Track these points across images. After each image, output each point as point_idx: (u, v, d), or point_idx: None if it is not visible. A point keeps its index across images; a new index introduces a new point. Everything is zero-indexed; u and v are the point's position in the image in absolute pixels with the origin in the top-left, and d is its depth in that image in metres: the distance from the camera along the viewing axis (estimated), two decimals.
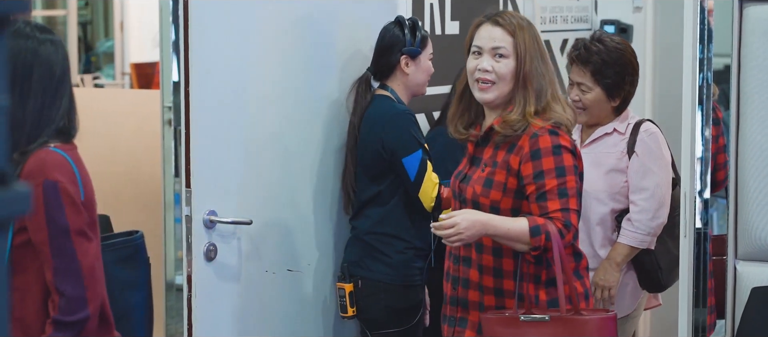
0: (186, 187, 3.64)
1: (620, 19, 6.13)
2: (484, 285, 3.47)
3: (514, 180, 3.41)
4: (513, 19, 3.48)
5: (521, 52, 3.42)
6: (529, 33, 3.45)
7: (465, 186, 3.50)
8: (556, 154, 3.38)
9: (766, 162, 3.92)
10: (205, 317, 3.69)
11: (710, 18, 4.01)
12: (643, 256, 4.13)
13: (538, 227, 3.34)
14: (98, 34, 9.06)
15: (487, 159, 3.47)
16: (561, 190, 3.37)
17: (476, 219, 3.33)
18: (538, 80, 3.42)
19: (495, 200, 3.42)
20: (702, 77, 4.03)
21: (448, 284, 3.58)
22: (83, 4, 8.91)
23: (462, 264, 3.52)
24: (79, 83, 8.19)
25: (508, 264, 3.46)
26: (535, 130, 3.39)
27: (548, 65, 3.48)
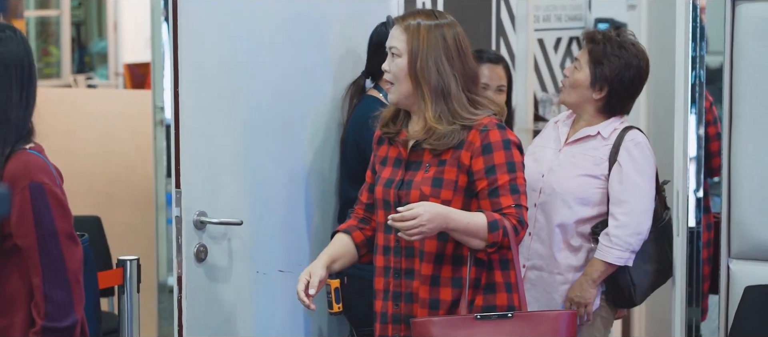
0: (176, 187, 3.62)
1: (614, 17, 6.13)
2: (422, 298, 3.34)
3: (464, 177, 3.31)
4: (418, 17, 3.35)
5: (414, 49, 3.31)
6: (434, 31, 3.31)
7: (407, 191, 3.34)
8: (506, 148, 3.31)
9: (759, 161, 3.91)
10: (196, 318, 3.68)
11: (702, 16, 4.00)
12: (616, 271, 3.88)
13: (496, 222, 3.24)
14: (92, 35, 9.05)
15: (430, 159, 3.34)
16: (513, 186, 3.29)
17: (438, 211, 3.20)
18: (435, 79, 3.29)
19: (446, 199, 3.30)
20: (694, 75, 4.02)
21: (388, 303, 3.41)
22: (77, 5, 8.90)
23: (404, 278, 3.37)
24: (72, 84, 8.18)
25: (446, 271, 3.34)
26: (484, 123, 3.31)
27: (458, 63, 3.32)
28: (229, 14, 3.75)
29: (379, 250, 3.45)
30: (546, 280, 3.95)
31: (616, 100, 3.95)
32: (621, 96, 3.94)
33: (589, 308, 3.88)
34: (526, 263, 3.99)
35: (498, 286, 3.38)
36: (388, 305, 3.41)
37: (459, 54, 3.33)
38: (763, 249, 3.93)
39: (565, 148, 3.98)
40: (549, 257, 3.94)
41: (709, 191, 4.08)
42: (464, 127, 3.31)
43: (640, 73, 3.96)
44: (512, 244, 3.26)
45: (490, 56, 4.49)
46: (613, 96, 3.93)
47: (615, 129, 3.94)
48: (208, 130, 3.70)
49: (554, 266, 3.93)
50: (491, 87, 4.43)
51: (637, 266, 3.89)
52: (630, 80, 3.93)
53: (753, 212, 3.92)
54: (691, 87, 4.01)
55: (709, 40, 3.98)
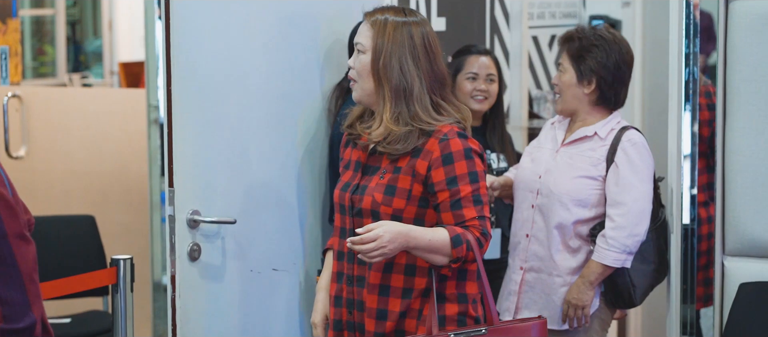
0: (169, 186, 3.61)
1: (609, 14, 6.13)
2: (369, 307, 3.24)
3: (419, 187, 3.18)
4: (387, 13, 3.24)
5: (378, 46, 3.20)
6: (401, 29, 3.20)
7: (359, 197, 3.23)
8: (468, 158, 3.17)
9: (753, 158, 3.91)
10: (190, 317, 3.67)
11: (696, 12, 4.00)
12: (615, 273, 3.86)
13: (458, 236, 3.11)
14: (87, 34, 9.03)
15: (386, 166, 3.22)
16: (475, 197, 3.16)
17: (399, 230, 3.07)
18: (397, 78, 3.17)
19: (398, 208, 3.18)
20: (688, 72, 4.02)
21: (342, 310, 3.33)
22: (72, 4, 8.89)
23: (356, 285, 3.28)
24: (67, 82, 8.17)
25: (397, 281, 3.22)
26: (444, 132, 3.17)
27: (424, 64, 3.20)
28: (222, 13, 3.75)
29: (335, 255, 3.39)
30: (545, 282, 3.93)
31: (608, 90, 3.91)
32: (610, 84, 3.90)
33: (586, 311, 3.86)
34: (523, 265, 3.97)
35: (449, 297, 3.26)
36: (342, 312, 3.32)
37: (427, 54, 3.22)
38: (757, 246, 3.93)
39: (562, 149, 3.96)
40: (547, 258, 3.92)
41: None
42: (423, 133, 3.18)
43: (624, 57, 3.92)
44: (477, 257, 3.14)
45: (479, 49, 4.52)
46: (603, 86, 3.90)
47: (612, 129, 3.91)
48: (201, 129, 3.69)
49: (553, 268, 3.91)
50: (480, 76, 4.44)
51: (636, 267, 3.88)
52: (615, 65, 3.89)
53: (747, 209, 3.92)
54: (684, 84, 4.01)
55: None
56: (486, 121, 4.53)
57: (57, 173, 5.57)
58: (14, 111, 5.55)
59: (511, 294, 4.00)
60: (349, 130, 3.35)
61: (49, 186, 5.57)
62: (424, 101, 3.19)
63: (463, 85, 4.46)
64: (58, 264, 5.00)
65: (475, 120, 4.51)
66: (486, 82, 4.45)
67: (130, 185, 5.50)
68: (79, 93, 6.97)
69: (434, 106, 3.21)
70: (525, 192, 3.98)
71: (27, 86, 6.82)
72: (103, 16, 8.84)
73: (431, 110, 3.19)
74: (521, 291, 3.97)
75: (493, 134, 4.53)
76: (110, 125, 5.60)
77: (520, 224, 3.99)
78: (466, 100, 4.46)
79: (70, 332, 5.01)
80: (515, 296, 3.98)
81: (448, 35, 4.84)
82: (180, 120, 3.62)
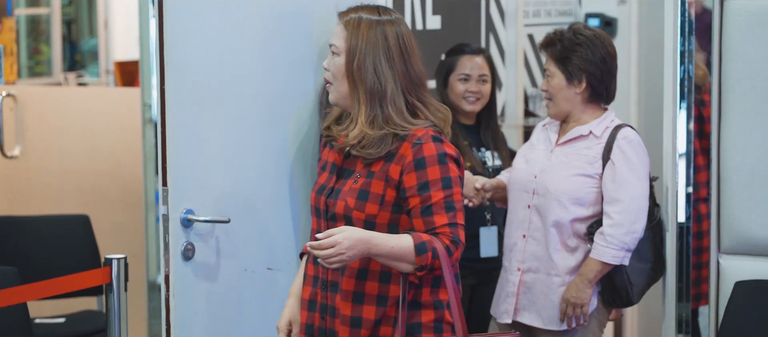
0: (163, 185, 3.60)
1: (605, 12, 6.12)
2: (343, 314, 3.17)
3: (392, 192, 3.11)
4: (360, 12, 3.18)
5: (352, 48, 3.13)
6: (374, 29, 3.13)
7: (333, 200, 3.17)
8: (441, 163, 3.08)
9: (748, 156, 3.90)
10: (184, 317, 3.66)
11: (691, 10, 3.99)
12: (612, 271, 3.84)
13: (423, 244, 3.04)
14: (82, 33, 9.02)
15: (360, 170, 3.16)
16: (448, 203, 3.07)
17: (359, 237, 3.02)
18: (371, 80, 3.10)
19: (371, 213, 3.11)
20: (683, 70, 4.01)
21: (315, 314, 3.27)
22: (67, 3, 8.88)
23: (330, 290, 3.22)
24: (62, 82, 8.16)
25: (371, 288, 3.16)
26: (418, 136, 3.09)
27: (398, 65, 3.13)
28: (216, 12, 3.74)
29: (311, 258, 3.34)
30: (543, 282, 3.92)
31: (599, 85, 3.90)
32: (600, 79, 3.89)
33: (585, 309, 3.85)
34: (521, 266, 3.95)
35: (424, 304, 3.19)
36: (314, 317, 3.27)
37: (401, 54, 3.14)
38: (752, 244, 3.92)
39: (557, 149, 3.95)
40: (545, 258, 3.91)
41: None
42: (397, 137, 3.11)
43: (607, 50, 3.91)
44: (443, 266, 3.06)
45: (472, 48, 4.50)
46: (593, 82, 3.89)
47: (607, 127, 3.90)
48: (195, 128, 3.68)
49: (551, 268, 3.90)
50: (473, 77, 4.44)
51: (634, 265, 3.87)
52: (601, 60, 3.88)
53: (742, 207, 3.92)
54: (680, 81, 4.01)
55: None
56: (480, 120, 4.52)
57: (52, 173, 5.56)
58: (9, 110, 5.55)
59: (509, 296, 3.98)
60: (326, 132, 3.30)
61: (43, 185, 5.56)
62: (399, 104, 3.12)
63: (455, 86, 4.46)
64: (52, 264, 4.99)
65: (468, 119, 4.50)
66: (478, 83, 4.44)
67: (125, 185, 5.50)
68: (73, 92, 6.97)
69: (410, 108, 3.14)
70: (520, 193, 3.96)
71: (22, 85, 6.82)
72: (99, 15, 8.83)
73: (405, 113, 3.12)
74: (520, 292, 3.96)
75: (487, 132, 4.52)
76: (105, 124, 5.59)
77: (515, 225, 3.98)
78: (459, 101, 4.45)
79: (65, 331, 5.01)
80: (514, 297, 3.96)
81: (443, 33, 4.83)
82: (174, 119, 3.62)
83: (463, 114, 4.48)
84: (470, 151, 4.42)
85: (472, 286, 4.43)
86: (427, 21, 4.76)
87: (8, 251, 5.02)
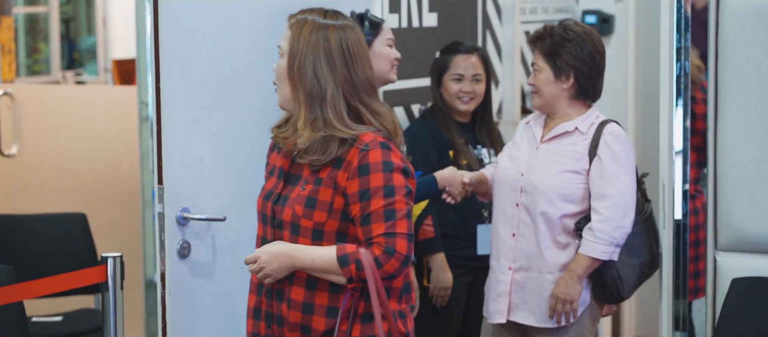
0: (158, 184, 3.60)
1: (602, 9, 6.11)
2: (291, 322, 3.09)
3: (341, 199, 3.02)
4: (308, 14, 3.10)
5: (293, 50, 3.07)
6: (318, 32, 3.06)
7: (281, 208, 3.09)
8: (386, 170, 2.98)
9: (745, 153, 3.90)
10: (180, 315, 3.66)
11: (687, 6, 3.99)
12: (602, 267, 3.83)
13: (346, 256, 2.97)
14: (81, 31, 9.02)
15: (308, 176, 3.07)
16: (387, 211, 2.97)
17: (279, 250, 3.01)
18: (310, 82, 3.03)
19: (319, 221, 3.03)
20: (679, 66, 4.01)
21: (260, 323, 3.18)
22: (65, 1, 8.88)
23: (275, 299, 3.13)
24: (60, 80, 8.16)
25: (321, 298, 3.06)
26: (366, 142, 3.00)
27: (341, 69, 3.04)
28: (212, 10, 3.74)
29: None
30: (535, 279, 3.91)
31: (586, 82, 3.89)
32: (588, 76, 3.89)
33: (574, 305, 3.85)
34: (512, 265, 3.94)
35: (374, 315, 3.06)
36: (260, 325, 3.18)
37: (344, 59, 3.05)
38: (749, 241, 3.92)
39: (543, 146, 3.94)
40: (536, 256, 3.90)
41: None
42: (345, 142, 3.02)
43: (596, 48, 3.90)
44: (368, 277, 2.96)
45: (467, 47, 4.50)
46: (581, 79, 3.88)
47: (592, 123, 3.89)
48: (190, 126, 3.68)
49: (543, 265, 3.89)
50: (466, 77, 4.43)
51: (623, 261, 3.86)
52: (590, 57, 3.87)
53: (739, 204, 3.92)
54: (676, 78, 4.01)
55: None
56: (475, 117, 4.52)
57: (49, 171, 5.56)
58: (6, 109, 5.54)
59: (500, 295, 3.97)
60: (275, 135, 3.19)
61: (41, 184, 5.56)
62: (339, 108, 3.03)
63: (448, 86, 4.45)
64: (49, 262, 4.99)
65: (463, 116, 4.50)
66: (472, 83, 4.44)
67: (122, 183, 5.49)
68: (71, 91, 6.97)
69: (352, 112, 3.06)
70: (507, 191, 3.95)
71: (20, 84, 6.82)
72: (97, 13, 8.83)
73: (346, 117, 3.04)
74: (512, 291, 3.95)
75: (483, 130, 4.52)
76: (102, 123, 5.59)
77: (504, 224, 3.96)
78: (452, 100, 4.45)
79: (62, 330, 5.01)
80: (506, 297, 3.95)
81: (440, 31, 4.82)
82: (169, 117, 3.62)
83: (457, 112, 4.48)
84: (466, 149, 4.41)
85: (469, 284, 4.43)
86: (423, 18, 4.76)
87: (6, 250, 5.02)
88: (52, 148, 5.58)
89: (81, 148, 5.57)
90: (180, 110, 3.65)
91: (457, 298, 4.42)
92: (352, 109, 3.05)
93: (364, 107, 3.06)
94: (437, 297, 4.35)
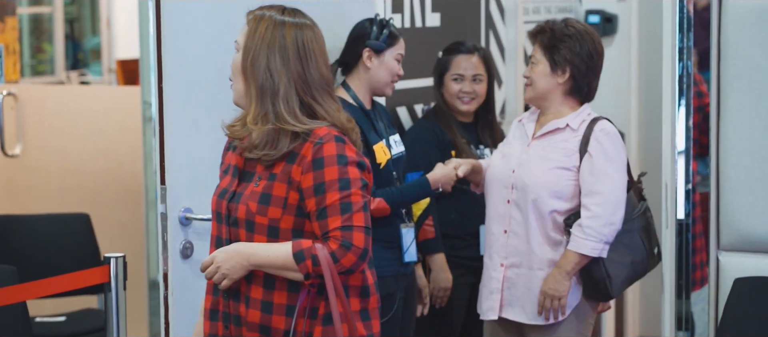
0: (161, 184, 3.60)
1: (605, 8, 6.11)
2: (250, 321, 3.02)
3: (295, 194, 2.97)
4: (266, 10, 3.07)
5: (248, 45, 3.03)
6: (273, 29, 3.03)
7: (235, 205, 3.03)
8: (341, 163, 2.94)
9: (748, 152, 3.90)
10: (182, 315, 3.67)
11: (690, 6, 3.99)
12: (590, 264, 3.82)
13: (301, 252, 2.92)
14: (85, 31, 9.03)
15: (262, 172, 3.02)
16: (344, 204, 2.92)
17: (235, 249, 2.97)
18: (262, 77, 2.99)
19: (274, 217, 2.98)
20: (682, 66, 4.01)
21: (218, 324, 3.11)
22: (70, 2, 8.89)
23: (232, 299, 3.07)
24: (65, 80, 8.17)
25: (280, 297, 3.00)
26: (320, 135, 2.96)
27: (295, 66, 3.01)
28: (215, 11, 3.74)
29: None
30: (526, 276, 3.91)
31: (581, 80, 3.90)
32: (584, 74, 3.89)
33: (563, 301, 3.84)
34: (504, 262, 3.94)
35: (334, 317, 3.00)
36: (217, 326, 3.11)
37: (298, 55, 3.01)
38: (751, 241, 3.92)
39: (534, 143, 3.94)
40: (528, 252, 3.89)
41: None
42: (298, 137, 2.99)
43: (596, 48, 3.91)
44: (325, 272, 2.92)
45: (468, 47, 4.50)
46: (576, 76, 3.89)
47: (583, 120, 3.89)
48: (193, 127, 3.69)
49: (534, 262, 3.89)
50: (466, 77, 4.44)
51: (612, 258, 3.84)
52: (588, 55, 3.88)
53: (741, 204, 3.92)
54: (678, 78, 4.01)
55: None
56: (477, 117, 4.53)
57: (52, 171, 5.57)
58: (9, 109, 5.55)
59: (493, 292, 3.97)
60: (229, 133, 3.14)
61: (44, 184, 5.57)
62: (291, 103, 2.99)
63: (449, 86, 4.46)
64: (53, 263, 4.99)
65: (466, 116, 4.50)
66: (472, 83, 4.44)
67: (125, 183, 5.50)
68: (74, 91, 6.97)
69: (305, 107, 3.02)
70: (499, 188, 3.95)
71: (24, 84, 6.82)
72: (102, 13, 8.84)
73: (298, 112, 3.00)
74: (504, 288, 3.94)
75: (485, 129, 4.52)
76: (106, 123, 5.60)
77: (496, 221, 3.97)
78: (453, 100, 4.45)
79: (65, 330, 5.02)
80: (498, 294, 3.95)
81: (443, 31, 4.83)
82: (172, 118, 3.62)
83: (459, 113, 4.48)
84: (468, 149, 4.42)
85: (471, 285, 4.43)
86: (426, 18, 4.76)
87: (9, 250, 5.03)
88: (56, 149, 5.59)
89: (84, 148, 5.57)
90: (183, 111, 3.65)
91: (459, 298, 4.42)
92: (305, 105, 3.02)
93: (318, 105, 3.03)
94: (437, 298, 4.35)
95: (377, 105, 4.15)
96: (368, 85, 4.03)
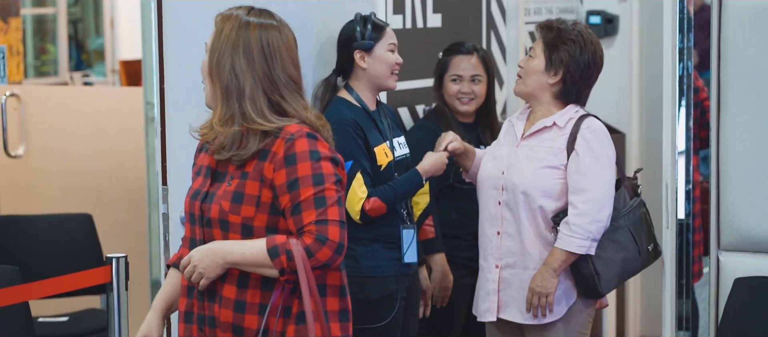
0: (163, 184, 3.61)
1: (606, 9, 6.11)
2: (223, 321, 2.99)
3: (268, 192, 2.95)
4: (232, 11, 3.06)
5: (214, 46, 3.02)
6: (239, 30, 3.01)
7: (208, 205, 3.00)
8: (313, 159, 2.93)
9: (748, 152, 3.91)
10: None
11: (690, 7, 4.00)
12: (579, 261, 3.80)
13: (276, 247, 2.89)
14: (89, 32, 9.06)
15: (234, 171, 3.00)
16: (318, 199, 2.90)
17: (210, 248, 2.94)
18: (228, 78, 2.98)
19: (247, 216, 2.95)
20: (682, 67, 4.02)
21: (192, 326, 3.06)
22: (73, 2, 8.91)
23: (207, 300, 3.02)
24: (68, 81, 8.19)
25: (253, 296, 2.97)
26: (291, 132, 2.94)
27: (261, 66, 2.99)
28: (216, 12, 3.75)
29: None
30: (521, 276, 3.90)
31: (572, 85, 3.89)
32: (576, 81, 3.88)
33: (550, 299, 3.84)
34: (499, 263, 3.95)
35: (308, 316, 2.96)
36: (192, 328, 3.08)
37: (263, 56, 3.00)
38: (752, 241, 3.93)
39: (523, 143, 3.93)
40: (521, 253, 3.89)
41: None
42: (266, 135, 2.96)
43: (595, 59, 3.89)
44: (299, 268, 2.88)
45: (467, 48, 4.50)
46: (568, 80, 3.88)
47: (570, 118, 3.88)
48: None
49: (529, 262, 3.88)
50: (464, 78, 4.44)
51: (600, 255, 3.83)
52: (585, 64, 3.87)
53: (742, 204, 3.92)
54: (679, 79, 4.02)
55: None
56: (478, 118, 4.53)
57: (55, 172, 5.58)
58: (12, 110, 5.57)
59: (489, 294, 3.97)
60: (202, 135, 3.10)
61: (47, 185, 5.59)
62: (258, 102, 2.97)
63: (448, 87, 4.47)
64: (55, 263, 5.01)
65: (466, 117, 4.51)
66: (471, 84, 4.44)
67: (128, 184, 5.51)
68: (77, 92, 6.99)
69: (274, 106, 3.00)
70: (490, 190, 3.96)
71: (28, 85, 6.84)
72: (105, 14, 8.87)
73: (267, 111, 2.98)
74: (500, 289, 3.95)
75: (486, 130, 4.53)
76: (108, 124, 5.61)
77: (488, 223, 3.97)
78: (452, 101, 4.46)
79: (68, 330, 5.02)
80: (495, 295, 3.95)
81: (444, 31, 4.83)
82: (174, 118, 3.63)
83: (459, 113, 4.49)
84: None
85: (472, 285, 4.43)
86: (427, 19, 4.76)
87: (12, 251, 5.04)
88: (59, 149, 5.60)
89: (87, 149, 5.59)
90: (184, 111, 3.66)
91: (459, 299, 4.42)
92: (274, 103, 3.00)
93: (286, 103, 3.01)
94: (437, 298, 4.36)
95: (382, 106, 4.15)
96: (370, 84, 4.02)
